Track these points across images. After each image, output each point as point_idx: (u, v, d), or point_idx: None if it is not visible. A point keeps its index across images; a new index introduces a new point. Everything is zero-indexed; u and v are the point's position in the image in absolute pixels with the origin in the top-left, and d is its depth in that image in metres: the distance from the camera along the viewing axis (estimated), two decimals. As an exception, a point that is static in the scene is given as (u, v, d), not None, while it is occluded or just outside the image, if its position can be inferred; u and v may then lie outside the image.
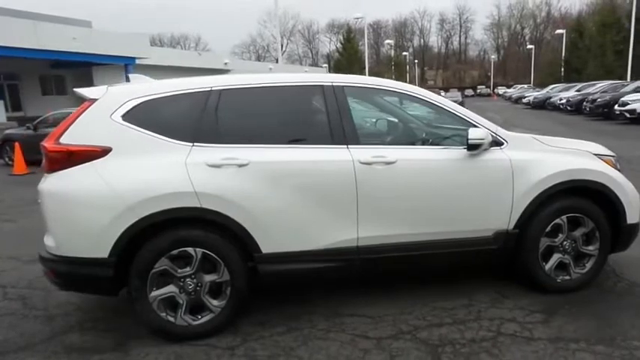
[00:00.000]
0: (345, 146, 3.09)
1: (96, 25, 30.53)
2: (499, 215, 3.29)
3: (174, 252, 2.89)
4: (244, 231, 2.93)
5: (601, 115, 19.88)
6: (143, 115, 2.94)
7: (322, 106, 3.13)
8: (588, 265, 3.48)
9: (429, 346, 2.84)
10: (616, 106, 18.67)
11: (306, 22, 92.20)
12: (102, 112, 2.93)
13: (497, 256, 3.38)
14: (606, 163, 3.52)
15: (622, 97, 19.01)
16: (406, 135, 3.62)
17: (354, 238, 3.10)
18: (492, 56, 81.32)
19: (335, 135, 3.10)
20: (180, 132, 2.96)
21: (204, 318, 2.99)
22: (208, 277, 2.97)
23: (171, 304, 2.96)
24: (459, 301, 3.42)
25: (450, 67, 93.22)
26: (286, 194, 2.97)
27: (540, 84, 43.74)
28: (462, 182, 3.21)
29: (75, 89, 3.28)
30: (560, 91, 28.67)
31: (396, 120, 3.71)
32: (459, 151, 3.22)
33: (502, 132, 3.34)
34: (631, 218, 3.48)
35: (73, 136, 2.87)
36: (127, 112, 2.93)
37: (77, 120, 2.90)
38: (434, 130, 3.57)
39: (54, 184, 2.84)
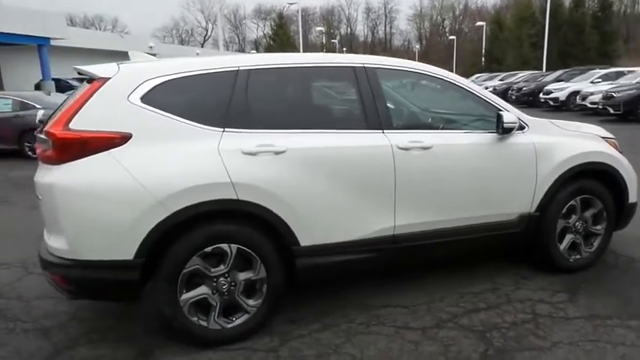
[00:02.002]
0: (381, 131, 2.94)
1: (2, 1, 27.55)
2: (524, 198, 3.32)
3: (208, 249, 2.61)
4: (282, 223, 2.71)
5: (526, 102, 21.21)
6: (165, 97, 2.61)
7: (355, 89, 2.96)
8: (596, 244, 3.62)
9: (475, 333, 2.80)
10: (541, 94, 20.03)
11: (232, 6, 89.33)
12: (117, 93, 2.55)
13: (520, 239, 3.41)
14: (610, 145, 3.66)
15: (545, 86, 20.41)
16: (436, 119, 3.54)
17: (391, 227, 2.98)
18: (416, 46, 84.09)
19: (370, 119, 2.94)
20: (208, 116, 2.66)
21: (239, 320, 2.75)
22: (243, 275, 2.72)
23: (202, 306, 2.68)
24: (483, 285, 3.42)
25: (376, 55, 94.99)
26: (324, 183, 2.78)
27: (463, 73, 45.91)
28: (492, 166, 3.20)
29: (76, 66, 2.85)
30: (484, 80, 30.20)
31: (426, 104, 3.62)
32: (488, 135, 3.20)
33: (524, 116, 3.36)
34: (632, 198, 3.66)
35: (85, 121, 2.48)
36: (147, 93, 2.58)
37: (88, 103, 2.50)
38: (460, 114, 3.52)
39: (66, 176, 2.43)
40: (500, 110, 3.20)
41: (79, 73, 3.02)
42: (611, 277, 3.52)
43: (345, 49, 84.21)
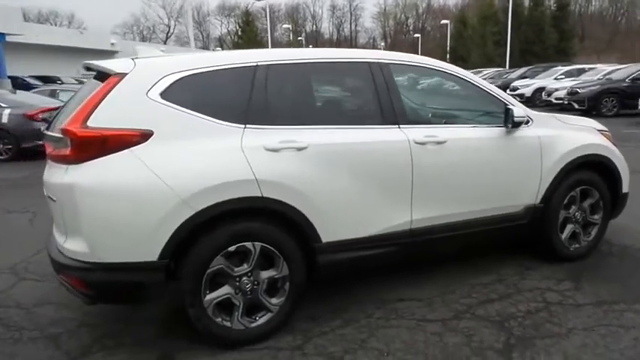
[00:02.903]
0: (397, 126, 2.97)
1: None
2: (530, 190, 3.41)
3: (231, 248, 2.56)
4: (305, 220, 2.69)
5: (493, 99, 21.71)
6: (184, 93, 2.54)
7: (371, 84, 2.96)
8: (593, 233, 3.77)
9: (494, 323, 2.87)
10: (507, 91, 20.56)
11: (196, 2, 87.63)
12: (135, 89, 2.47)
13: (526, 231, 3.51)
14: (606, 137, 3.81)
15: (511, 83, 21.01)
16: (447, 114, 3.58)
17: (408, 221, 3.01)
18: (381, 43, 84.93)
19: (386, 114, 2.96)
20: (229, 112, 2.61)
21: (262, 319, 2.72)
22: (265, 274, 2.69)
23: (225, 306, 2.63)
24: (490, 276, 3.50)
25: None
26: (345, 178, 2.78)
27: (429, 71, 46.59)
28: (502, 159, 3.28)
29: (89, 62, 2.74)
30: (450, 78, 30.65)
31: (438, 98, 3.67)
32: (497, 129, 3.27)
33: (528, 110, 3.45)
34: (625, 188, 3.83)
35: (103, 119, 2.38)
36: (166, 89, 2.51)
37: (105, 99, 2.41)
38: (470, 109, 3.58)
39: (87, 176, 2.33)
40: (508, 105, 3.28)
41: (87, 69, 2.92)
42: (609, 265, 3.67)
43: (310, 46, 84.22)
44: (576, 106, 14.53)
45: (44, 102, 10.58)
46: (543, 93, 17.75)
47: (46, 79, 23.74)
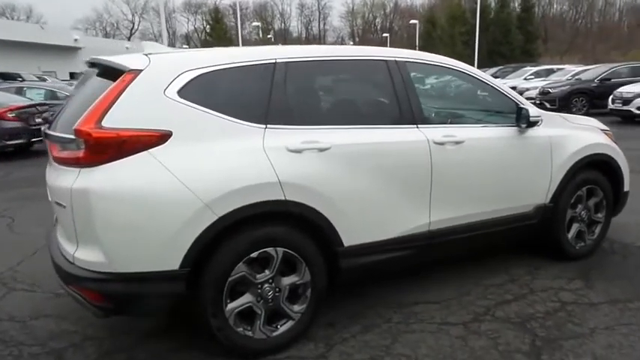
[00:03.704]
0: (415, 126, 2.90)
1: None
2: (541, 190, 3.41)
3: (254, 254, 2.44)
4: (327, 223, 2.59)
5: (465, 98, 22.13)
6: (202, 91, 2.40)
7: (389, 83, 2.88)
8: (597, 232, 3.81)
9: (515, 324, 2.84)
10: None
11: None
12: (152, 86, 2.31)
13: (536, 230, 3.50)
14: (608, 137, 3.86)
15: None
16: (462, 113, 3.53)
17: (427, 223, 2.95)
18: (350, 42, 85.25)
19: (404, 114, 2.89)
20: (249, 112, 2.48)
21: (284, 327, 2.60)
22: (287, 280, 2.58)
23: (245, 315, 2.51)
24: (501, 277, 3.48)
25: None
26: (367, 180, 2.69)
27: (399, 70, 47.07)
28: (516, 159, 3.26)
29: (97, 57, 2.55)
30: (422, 77, 31.09)
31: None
32: (511, 129, 3.25)
33: (540, 110, 3.45)
34: (626, 186, 3.89)
35: (119, 119, 2.22)
36: (184, 87, 2.36)
37: (120, 98, 2.24)
38: (484, 108, 3.54)
39: (103, 180, 2.16)
40: (521, 104, 3.27)
41: (91, 65, 2.74)
42: (614, 263, 3.71)
43: (279, 44, 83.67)
44: (548, 105, 14.88)
45: (12, 100, 10.07)
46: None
47: (6, 76, 22.71)
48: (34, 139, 9.62)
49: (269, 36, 77.86)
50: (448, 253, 3.29)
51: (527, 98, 16.68)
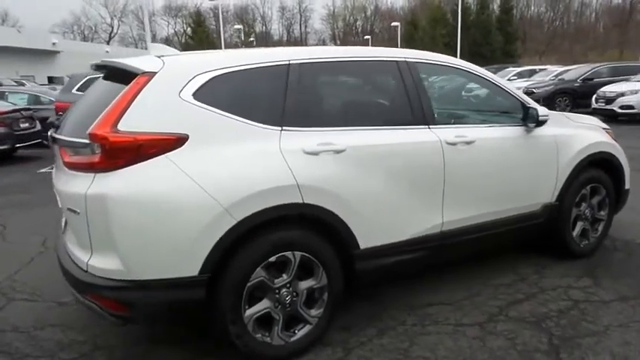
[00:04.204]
0: (427, 126, 2.89)
1: None
2: (547, 189, 3.43)
3: (272, 259, 2.39)
4: (344, 226, 2.56)
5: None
6: (217, 94, 2.35)
7: (400, 83, 2.87)
8: (600, 229, 3.85)
9: (530, 324, 2.84)
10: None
11: (140, 1, 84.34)
12: (167, 89, 2.25)
13: (543, 229, 3.52)
14: (609, 135, 3.91)
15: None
16: (471, 113, 3.54)
17: (440, 224, 2.94)
18: (331, 44, 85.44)
19: (416, 115, 2.87)
20: (264, 114, 2.44)
21: (301, 332, 2.56)
22: (304, 284, 2.54)
23: (264, 321, 2.46)
24: (509, 276, 3.49)
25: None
26: (382, 181, 2.67)
27: (381, 72, 47.38)
28: (524, 158, 3.28)
29: (107, 60, 2.48)
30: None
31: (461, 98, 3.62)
32: (518, 129, 3.27)
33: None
34: (627, 184, 3.94)
35: (134, 122, 2.15)
36: (198, 89, 2.31)
37: (135, 101, 2.18)
38: (492, 109, 3.55)
39: (119, 185, 2.09)
40: (529, 104, 3.29)
41: (99, 67, 2.66)
42: (618, 260, 3.75)
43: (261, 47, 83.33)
44: (532, 105, 15.09)
45: (-6, 104, 9.81)
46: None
47: (-17, 82, 22.14)
48: (18, 145, 9.39)
49: (251, 39, 77.61)
50: (460, 254, 3.28)
51: (512, 99, 16.98)
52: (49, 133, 2.63)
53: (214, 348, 2.63)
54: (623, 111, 12.19)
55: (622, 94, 12.36)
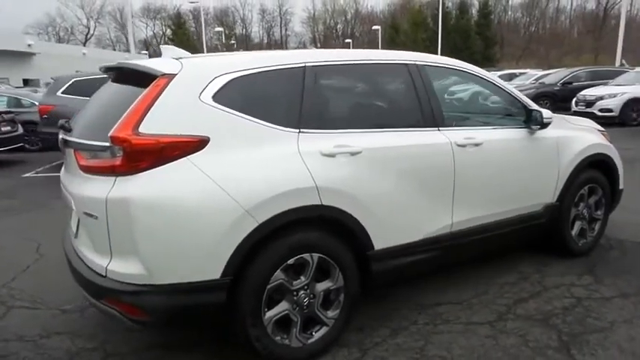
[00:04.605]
0: (437, 128, 2.94)
1: None
2: (549, 189, 3.52)
3: (291, 261, 2.40)
4: (360, 227, 2.58)
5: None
6: (236, 96, 2.35)
7: (411, 86, 2.91)
8: (596, 228, 3.96)
9: (538, 321, 2.90)
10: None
11: (117, 3, 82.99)
12: (187, 91, 2.24)
13: (544, 229, 3.60)
14: (604, 137, 4.02)
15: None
16: (477, 116, 3.60)
17: (449, 224, 2.98)
18: (312, 47, 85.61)
19: (426, 117, 2.92)
20: (282, 116, 2.44)
21: (318, 333, 2.57)
22: (321, 286, 2.55)
23: (282, 323, 2.46)
24: (513, 275, 3.56)
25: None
26: (396, 183, 2.70)
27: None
28: (528, 159, 3.35)
29: (124, 62, 2.45)
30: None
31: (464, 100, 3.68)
32: (522, 130, 3.35)
33: (547, 112, 3.56)
34: (621, 184, 4.06)
35: (155, 125, 2.13)
36: (218, 91, 2.30)
37: (156, 103, 2.16)
38: (496, 111, 3.61)
39: (141, 188, 2.07)
40: (533, 107, 3.37)
41: (107, 70, 2.64)
42: (614, 258, 3.85)
43: (241, 49, 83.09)
44: (514, 108, 15.38)
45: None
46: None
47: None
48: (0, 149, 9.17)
49: (232, 42, 77.27)
50: (468, 254, 3.33)
51: (494, 102, 17.30)
52: (60, 136, 2.59)
53: (228, 352, 2.62)
54: (603, 114, 12.51)
55: (601, 98, 12.70)
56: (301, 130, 2.46)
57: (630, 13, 23.93)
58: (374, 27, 51.21)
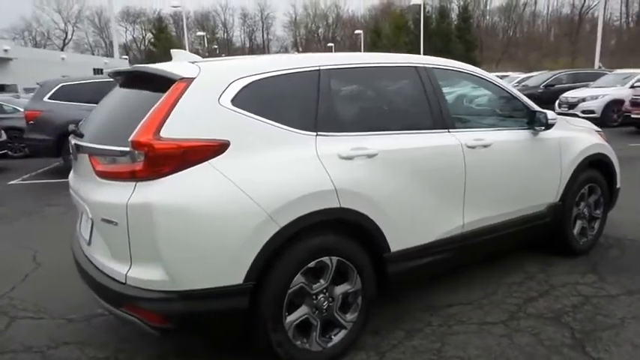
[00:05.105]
0: (447, 130, 2.96)
1: None
2: (553, 189, 3.57)
3: (311, 264, 2.39)
4: (377, 229, 2.58)
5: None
6: (254, 99, 2.33)
7: (421, 88, 2.93)
8: (596, 227, 4.03)
9: (550, 320, 2.93)
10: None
11: (96, 7, 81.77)
12: (206, 95, 2.22)
13: (549, 229, 3.65)
14: (601, 137, 4.10)
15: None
16: (484, 117, 3.63)
17: (461, 225, 3.00)
18: (294, 51, 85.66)
19: (436, 119, 2.94)
20: (300, 119, 2.43)
21: (337, 337, 2.56)
22: (339, 289, 2.54)
23: (301, 328, 2.44)
24: (519, 275, 3.60)
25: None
26: (410, 185, 2.71)
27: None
28: (533, 160, 3.41)
29: (143, 66, 2.41)
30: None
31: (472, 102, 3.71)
32: (527, 132, 3.40)
33: (549, 113, 3.61)
34: (618, 183, 4.15)
35: (176, 129, 2.10)
36: (236, 95, 2.28)
37: (176, 107, 2.13)
38: (501, 113, 3.65)
39: (164, 193, 2.04)
40: (537, 108, 3.43)
41: (116, 74, 2.60)
42: (614, 256, 3.93)
43: (224, 54, 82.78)
44: (499, 110, 15.62)
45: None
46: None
47: None
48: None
49: (214, 46, 76.87)
50: (477, 255, 3.36)
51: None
52: (72, 142, 2.53)
53: (245, 358, 2.59)
54: (585, 115, 12.74)
55: (583, 100, 12.99)
56: (318, 133, 2.45)
57: (604, 17, 24.49)
58: (356, 31, 51.53)
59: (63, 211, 6.06)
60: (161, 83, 2.25)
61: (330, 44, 66.22)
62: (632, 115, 11.25)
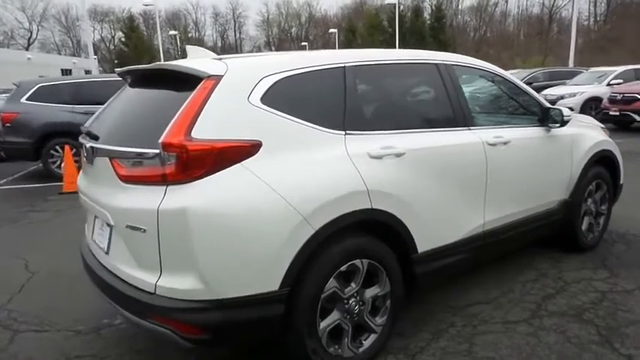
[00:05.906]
0: (468, 128, 2.92)
1: None
2: (564, 186, 3.59)
3: (343, 268, 2.31)
4: (406, 230, 2.52)
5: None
6: (283, 97, 2.23)
7: (441, 86, 2.88)
8: (602, 223, 4.07)
9: (572, 317, 2.93)
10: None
11: (62, 5, 79.36)
12: (235, 93, 2.11)
13: (560, 225, 3.66)
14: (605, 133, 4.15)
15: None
16: (501, 115, 3.59)
17: (482, 224, 2.97)
18: (267, 50, 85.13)
19: (458, 117, 2.90)
20: (328, 118, 2.34)
21: (368, 341, 2.49)
22: (369, 292, 2.47)
23: (332, 334, 2.36)
24: (531, 272, 3.60)
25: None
26: (437, 184, 2.66)
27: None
28: (548, 157, 3.41)
29: (168, 63, 2.28)
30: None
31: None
32: (541, 129, 3.40)
33: (559, 111, 3.62)
34: (622, 179, 4.20)
35: (208, 129, 1.99)
36: (265, 93, 2.18)
37: (206, 106, 2.02)
38: (516, 110, 3.63)
39: (199, 197, 1.92)
40: (551, 106, 3.43)
41: (126, 73, 2.47)
42: (621, 251, 3.96)
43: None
44: (478, 108, 15.82)
45: None
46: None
47: None
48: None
49: (188, 45, 75.56)
50: (499, 252, 3.34)
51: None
52: (86, 145, 2.38)
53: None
54: (564, 112, 13.04)
55: (562, 97, 13.24)
56: (347, 131, 2.37)
57: (574, 16, 25.18)
58: (331, 30, 51.54)
59: (48, 217, 5.82)
60: (186, 81, 2.13)
61: (303, 43, 66.08)
62: (611, 113, 11.53)
